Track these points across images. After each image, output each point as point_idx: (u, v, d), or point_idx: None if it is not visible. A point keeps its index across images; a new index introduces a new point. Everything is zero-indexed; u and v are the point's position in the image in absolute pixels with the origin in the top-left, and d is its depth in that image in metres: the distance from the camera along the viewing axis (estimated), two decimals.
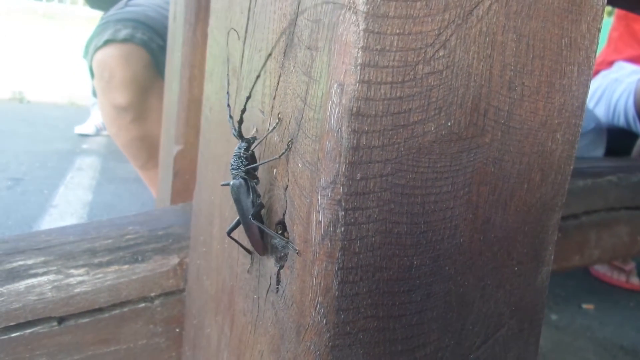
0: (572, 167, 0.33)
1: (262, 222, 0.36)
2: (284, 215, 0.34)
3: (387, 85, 0.27)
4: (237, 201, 0.36)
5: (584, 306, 1.67)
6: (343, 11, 0.27)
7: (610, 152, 1.78)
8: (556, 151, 0.33)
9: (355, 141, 0.27)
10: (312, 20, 0.30)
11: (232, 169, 0.35)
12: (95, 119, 3.53)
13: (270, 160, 0.36)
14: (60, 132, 3.52)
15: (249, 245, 0.38)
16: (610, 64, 1.94)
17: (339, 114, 0.27)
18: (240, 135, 0.36)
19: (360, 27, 0.26)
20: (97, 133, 3.53)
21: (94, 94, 1.45)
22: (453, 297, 0.32)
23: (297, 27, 0.32)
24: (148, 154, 1.44)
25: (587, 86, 0.33)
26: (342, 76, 0.27)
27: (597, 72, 1.97)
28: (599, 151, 1.76)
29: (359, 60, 0.27)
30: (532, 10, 0.30)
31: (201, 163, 0.59)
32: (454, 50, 0.28)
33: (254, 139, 0.37)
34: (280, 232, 0.35)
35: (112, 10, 1.43)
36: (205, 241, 0.57)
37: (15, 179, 2.40)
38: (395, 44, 0.27)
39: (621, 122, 1.85)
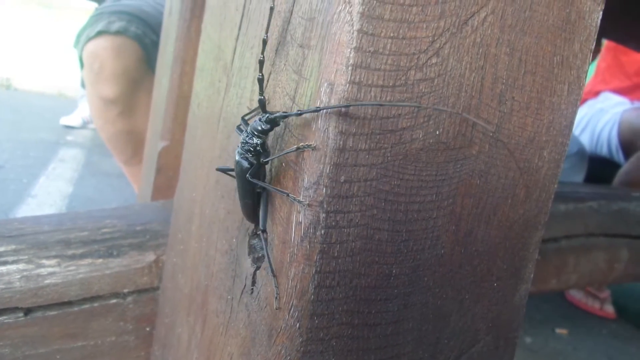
0: (555, 187, 0.33)
1: (258, 196, 0.33)
2: None
3: (377, 88, 0.27)
4: (238, 179, 0.33)
5: (558, 331, 1.68)
6: (338, 10, 0.27)
7: (592, 180, 1.81)
8: (542, 169, 0.33)
9: (341, 143, 0.27)
10: (307, 18, 0.30)
11: (243, 144, 0.32)
12: (82, 111, 3.48)
13: (281, 155, 0.31)
14: (45, 122, 3.46)
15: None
16: (596, 94, 1.98)
17: (327, 114, 0.27)
18: (265, 109, 0.31)
19: (355, 27, 0.26)
20: (84, 126, 3.48)
21: (83, 85, 1.43)
22: (430, 309, 0.31)
23: (291, 25, 0.32)
24: (133, 149, 1.42)
25: (576, 106, 0.33)
26: (332, 76, 0.27)
27: (583, 101, 2.00)
28: (580, 176, 1.78)
29: (351, 61, 0.26)
30: (526, 26, 0.30)
31: (185, 159, 0.58)
32: (447, 59, 0.28)
33: (281, 117, 0.30)
34: (258, 232, 0.34)
35: (108, 2, 1.42)
36: (183, 239, 0.55)
37: None
38: (388, 47, 0.27)
39: (604, 151, 1.88)
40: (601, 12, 0.32)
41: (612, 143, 1.84)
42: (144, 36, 1.30)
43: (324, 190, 0.27)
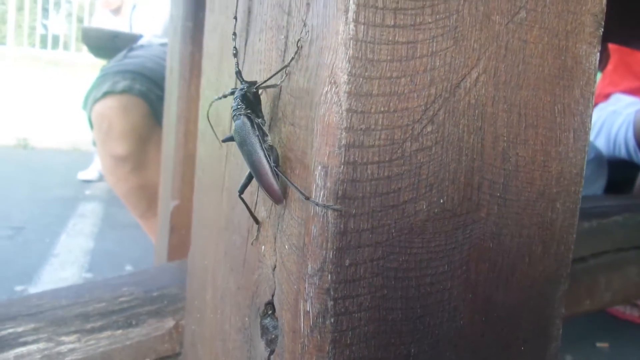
0: (574, 236, 0.32)
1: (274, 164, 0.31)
2: (272, 296, 0.32)
3: (374, 165, 0.26)
4: (242, 144, 0.31)
5: (599, 345, 1.62)
6: (325, 90, 0.26)
7: (612, 184, 1.76)
8: (557, 221, 0.31)
9: (342, 226, 0.26)
10: (295, 96, 0.29)
11: (234, 109, 0.31)
12: (98, 164, 3.55)
13: (277, 73, 0.31)
14: (62, 178, 3.54)
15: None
16: (606, 96, 1.95)
17: (324, 198, 0.26)
18: (241, 78, 0.32)
19: (343, 107, 0.25)
20: (100, 178, 3.54)
21: (94, 144, 1.46)
22: None
23: (281, 102, 0.31)
24: (147, 203, 1.43)
25: (585, 152, 0.31)
26: (325, 158, 0.26)
27: (594, 105, 1.97)
28: (601, 181, 1.74)
29: (343, 142, 0.25)
30: (521, 79, 0.29)
31: (195, 225, 0.58)
32: (443, 125, 0.27)
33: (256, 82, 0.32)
34: (270, 312, 0.33)
35: (112, 62, 1.46)
36: (199, 307, 0.55)
37: (16, 227, 2.38)
38: (380, 122, 0.26)
39: (622, 153, 1.84)
40: (598, 54, 0.31)
41: (630, 144, 1.80)
42: (149, 92, 1.33)
43: (329, 277, 0.26)
